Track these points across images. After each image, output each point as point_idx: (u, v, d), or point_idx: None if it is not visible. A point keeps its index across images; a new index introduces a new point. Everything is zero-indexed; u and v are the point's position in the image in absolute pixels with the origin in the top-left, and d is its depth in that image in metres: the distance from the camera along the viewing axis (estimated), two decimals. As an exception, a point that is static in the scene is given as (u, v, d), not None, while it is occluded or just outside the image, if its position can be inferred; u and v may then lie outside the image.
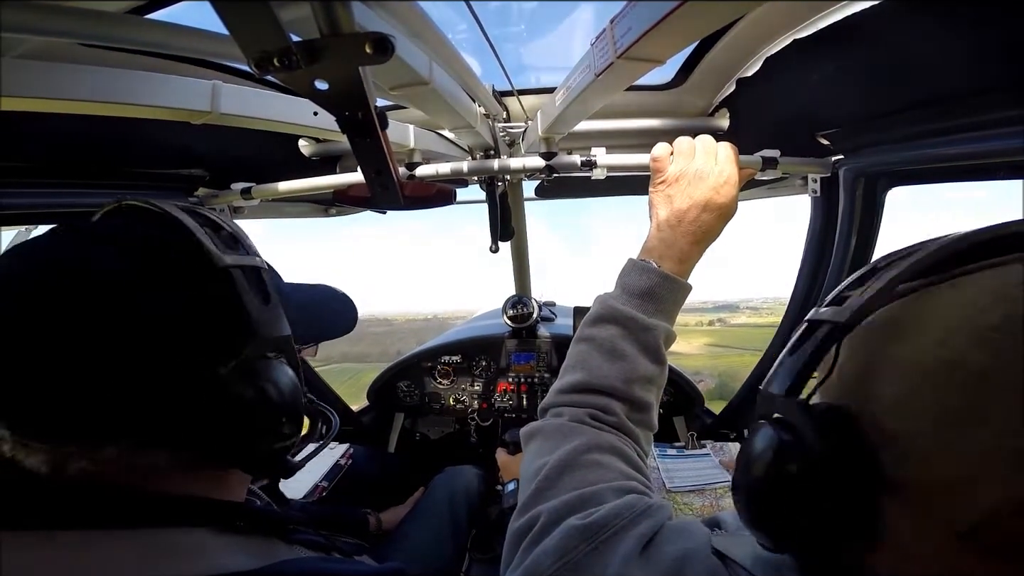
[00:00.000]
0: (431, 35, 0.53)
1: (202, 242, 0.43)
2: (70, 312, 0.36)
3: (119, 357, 0.37)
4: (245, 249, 0.47)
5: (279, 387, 0.44)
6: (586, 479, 0.50)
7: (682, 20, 0.39)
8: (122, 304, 0.37)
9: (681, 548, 0.41)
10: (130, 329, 0.37)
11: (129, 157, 0.91)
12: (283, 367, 0.46)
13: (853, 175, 0.86)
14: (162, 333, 0.39)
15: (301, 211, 1.43)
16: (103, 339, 0.36)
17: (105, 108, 0.57)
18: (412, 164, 0.92)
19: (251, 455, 0.45)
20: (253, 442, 0.44)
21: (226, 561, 0.40)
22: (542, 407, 0.64)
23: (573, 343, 0.66)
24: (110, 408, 0.37)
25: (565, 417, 0.59)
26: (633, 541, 0.42)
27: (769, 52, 0.70)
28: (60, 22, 0.42)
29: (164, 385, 0.39)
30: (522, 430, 0.63)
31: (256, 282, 0.46)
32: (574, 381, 0.61)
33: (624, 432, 0.59)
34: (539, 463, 0.54)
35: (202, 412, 0.40)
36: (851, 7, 0.54)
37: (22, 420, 0.36)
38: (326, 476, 1.43)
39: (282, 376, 0.45)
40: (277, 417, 0.44)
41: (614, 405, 0.59)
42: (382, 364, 1.86)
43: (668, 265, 0.65)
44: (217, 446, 0.43)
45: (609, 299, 0.65)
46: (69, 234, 0.41)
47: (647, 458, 0.61)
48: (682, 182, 0.66)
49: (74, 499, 0.37)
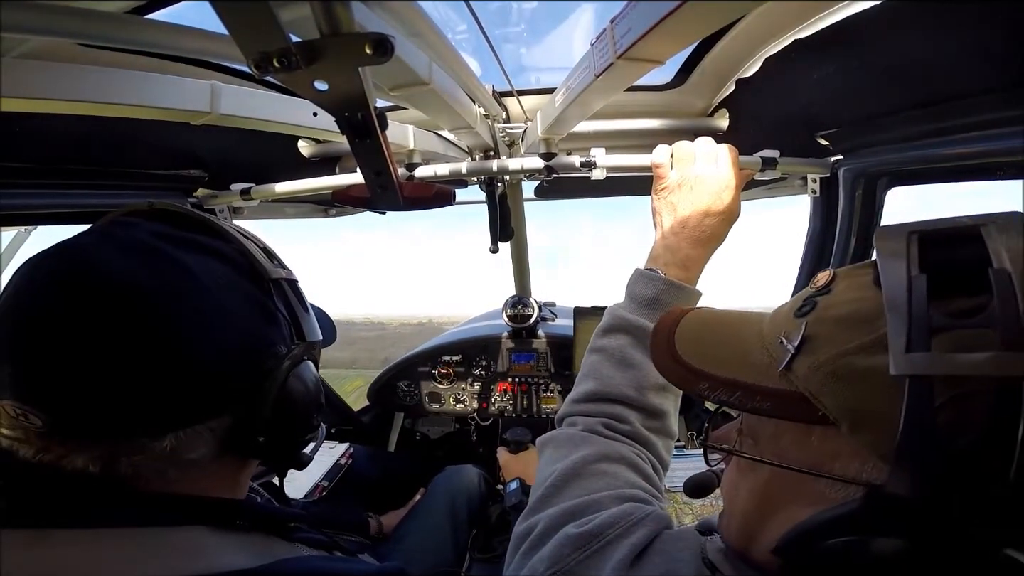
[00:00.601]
0: (431, 35, 0.53)
1: (253, 254, 0.47)
2: (127, 314, 0.36)
3: (178, 360, 0.38)
4: (279, 263, 0.52)
5: (314, 385, 0.50)
6: (589, 488, 0.51)
7: (682, 20, 0.39)
8: (183, 308, 0.38)
9: (670, 559, 0.42)
10: (190, 332, 0.38)
11: (128, 157, 0.91)
12: (313, 367, 0.51)
13: (853, 175, 0.86)
14: (222, 337, 0.41)
15: (301, 212, 1.43)
16: (161, 342, 0.37)
17: (105, 108, 0.57)
18: (411, 165, 0.92)
19: (285, 448, 0.50)
20: (293, 435, 0.49)
21: (226, 559, 0.40)
22: (558, 417, 0.65)
23: (586, 354, 0.67)
24: (171, 406, 0.38)
25: (579, 427, 0.60)
26: (625, 551, 0.43)
27: (769, 52, 0.70)
28: (60, 22, 0.42)
29: (223, 386, 0.41)
30: (538, 439, 0.64)
31: (296, 293, 0.51)
32: (587, 391, 0.62)
33: (638, 441, 0.59)
34: (548, 471, 0.55)
35: (256, 411, 0.44)
36: (851, 7, 0.54)
37: (75, 418, 0.36)
38: (326, 475, 1.43)
39: (314, 374, 0.51)
40: (312, 414, 0.50)
41: (628, 413, 0.59)
42: (370, 371, 1.86)
43: (673, 272, 0.65)
44: (262, 440, 0.45)
45: (618, 309, 0.66)
46: (110, 237, 0.40)
47: (665, 468, 0.62)
48: (684, 188, 0.66)
49: (75, 497, 0.37)
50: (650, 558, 0.42)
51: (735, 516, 0.40)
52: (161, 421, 0.38)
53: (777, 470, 0.36)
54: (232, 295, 0.43)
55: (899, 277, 0.30)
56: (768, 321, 0.41)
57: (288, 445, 0.50)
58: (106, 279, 0.36)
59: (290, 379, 0.46)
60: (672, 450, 0.65)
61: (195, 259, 0.41)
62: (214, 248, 0.44)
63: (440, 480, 1.37)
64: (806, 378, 0.33)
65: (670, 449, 0.64)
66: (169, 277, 0.38)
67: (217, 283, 0.41)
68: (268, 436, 0.45)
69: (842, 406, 0.31)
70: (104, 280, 0.36)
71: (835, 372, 0.32)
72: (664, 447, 0.62)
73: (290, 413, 0.46)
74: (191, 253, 0.41)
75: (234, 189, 1.04)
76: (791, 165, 0.85)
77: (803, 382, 0.33)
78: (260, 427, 0.44)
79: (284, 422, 0.46)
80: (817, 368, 0.33)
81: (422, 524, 1.20)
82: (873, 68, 0.63)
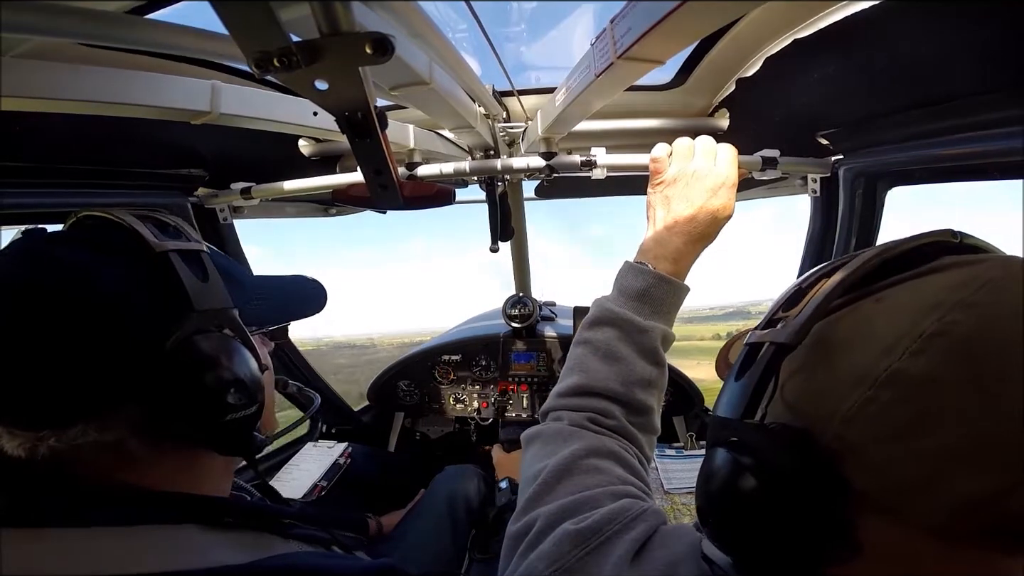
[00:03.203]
0: (431, 35, 0.53)
1: (140, 233, 0.46)
2: (26, 301, 0.38)
3: (72, 337, 0.39)
4: (187, 237, 0.50)
5: (224, 357, 0.46)
6: (583, 484, 0.51)
7: (682, 20, 0.39)
8: (73, 288, 0.40)
9: (671, 553, 0.42)
10: (80, 311, 0.40)
11: (129, 157, 0.91)
12: (230, 340, 0.48)
13: (853, 175, 0.86)
14: (109, 311, 0.41)
15: (301, 211, 1.43)
16: (58, 323, 0.39)
17: (105, 108, 0.57)
18: (412, 164, 0.92)
19: (208, 429, 0.46)
20: (205, 413, 0.45)
21: (214, 556, 0.40)
22: (543, 411, 0.64)
23: (572, 347, 0.66)
24: (69, 387, 0.39)
25: (565, 421, 0.59)
26: (625, 546, 0.42)
27: (769, 52, 0.70)
28: (60, 22, 0.42)
29: (115, 360, 0.41)
30: (523, 434, 0.63)
31: (196, 263, 0.48)
32: (573, 384, 0.61)
33: (624, 436, 0.59)
34: (538, 467, 0.54)
35: (150, 385, 0.42)
36: (851, 7, 0.54)
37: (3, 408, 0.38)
38: (325, 475, 1.43)
39: (227, 347, 0.47)
40: (224, 387, 0.46)
41: (613, 408, 0.59)
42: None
43: (663, 266, 0.64)
44: (172, 420, 0.44)
45: (606, 302, 0.65)
46: (30, 239, 0.45)
47: (649, 463, 0.61)
48: (679, 183, 0.66)
49: (62, 496, 0.38)
50: (651, 553, 0.42)
51: None
52: (57, 404, 0.39)
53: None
54: (106, 277, 0.42)
55: None
56: None
57: (215, 426, 0.46)
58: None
59: (183, 355, 0.43)
60: (654, 446, 0.64)
61: (77, 253, 0.42)
62: (104, 240, 0.45)
63: (440, 480, 1.37)
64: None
65: (653, 445, 0.64)
66: (44, 275, 0.40)
67: (89, 270, 0.42)
68: (184, 418, 0.44)
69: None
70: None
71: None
72: (648, 443, 0.62)
73: (194, 391, 0.44)
74: (80, 247, 0.43)
75: (234, 188, 1.04)
76: (791, 165, 0.85)
77: None
78: (171, 409, 0.43)
79: (192, 401, 0.44)
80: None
81: (421, 524, 1.20)
82: (873, 68, 0.63)
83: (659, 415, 0.63)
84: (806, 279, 0.39)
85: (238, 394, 0.47)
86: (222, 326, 0.49)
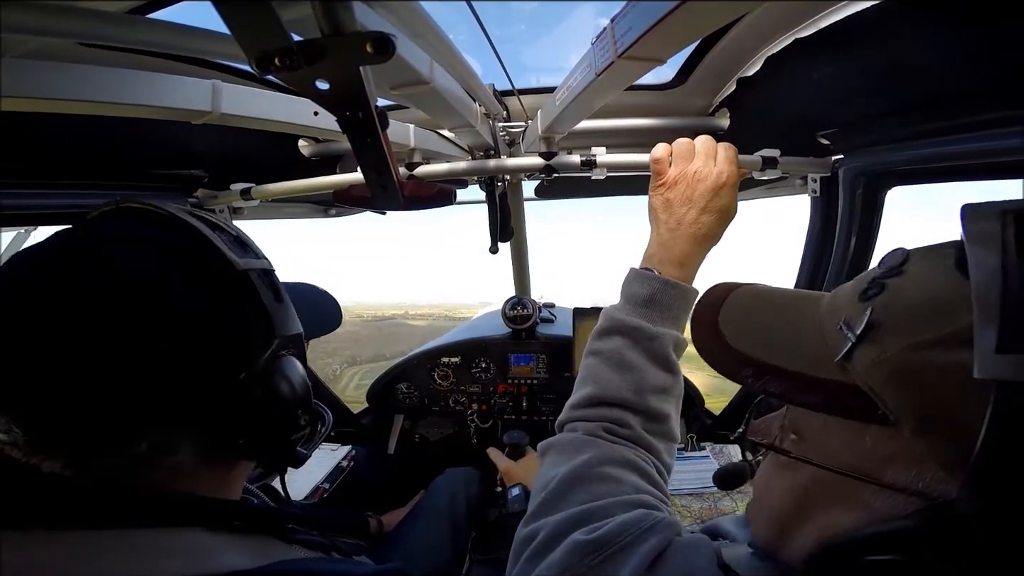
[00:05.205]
0: (432, 35, 0.53)
1: (218, 247, 0.45)
2: (93, 316, 0.36)
3: (147, 359, 0.37)
4: (254, 252, 0.50)
5: (297, 381, 0.47)
6: (596, 492, 0.50)
7: (682, 20, 0.39)
8: (146, 306, 0.38)
9: (689, 566, 0.41)
10: (157, 332, 0.38)
11: (129, 157, 0.91)
12: (296, 362, 0.49)
13: (853, 175, 0.86)
14: (191, 335, 0.40)
15: (301, 211, 1.43)
16: (129, 342, 0.37)
17: (105, 108, 0.57)
18: (412, 164, 0.91)
19: (270, 447, 0.47)
20: (277, 435, 0.47)
21: (224, 560, 0.40)
22: (558, 423, 0.64)
23: (583, 358, 0.65)
24: (140, 409, 0.38)
25: (580, 432, 0.58)
26: (640, 558, 0.41)
27: (770, 52, 0.70)
28: (60, 22, 0.42)
29: (195, 386, 0.40)
30: (538, 445, 0.62)
31: (269, 284, 0.48)
32: (586, 395, 0.60)
33: (642, 445, 0.57)
34: (550, 475, 0.54)
35: (232, 410, 0.42)
36: (852, 7, 0.54)
37: (43, 424, 0.36)
38: (327, 478, 1.43)
39: (297, 370, 0.48)
40: (296, 410, 0.47)
41: (628, 417, 0.58)
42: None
43: (668, 270, 0.63)
44: (243, 441, 0.44)
45: (613, 311, 0.64)
46: (78, 237, 0.41)
47: (669, 471, 0.60)
48: (680, 185, 0.65)
49: (72, 499, 0.37)
50: (666, 565, 0.41)
51: (768, 514, 0.39)
52: (127, 429, 0.38)
53: (820, 471, 0.33)
54: (192, 297, 0.41)
55: (991, 264, 0.26)
56: (826, 303, 0.37)
57: (273, 445, 0.48)
58: (60, 300, 0.36)
59: (265, 377, 0.44)
60: (675, 454, 0.63)
61: (151, 263, 0.40)
62: (176, 248, 0.43)
63: (440, 482, 1.36)
64: (867, 371, 0.30)
65: (672, 453, 0.62)
66: (123, 289, 0.38)
67: (174, 288, 0.40)
68: (248, 437, 0.44)
69: (908, 406, 0.28)
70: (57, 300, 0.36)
71: (904, 367, 0.28)
72: (667, 451, 0.60)
73: (269, 413, 0.45)
74: (148, 255, 0.41)
75: (234, 189, 1.04)
76: (791, 164, 0.85)
77: (863, 375, 0.30)
78: (239, 428, 0.43)
79: (263, 422, 0.45)
80: (882, 361, 0.29)
81: (421, 525, 1.20)
82: (874, 68, 0.63)
83: (678, 422, 0.62)
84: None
85: (306, 415, 0.49)
86: (295, 350, 0.49)
